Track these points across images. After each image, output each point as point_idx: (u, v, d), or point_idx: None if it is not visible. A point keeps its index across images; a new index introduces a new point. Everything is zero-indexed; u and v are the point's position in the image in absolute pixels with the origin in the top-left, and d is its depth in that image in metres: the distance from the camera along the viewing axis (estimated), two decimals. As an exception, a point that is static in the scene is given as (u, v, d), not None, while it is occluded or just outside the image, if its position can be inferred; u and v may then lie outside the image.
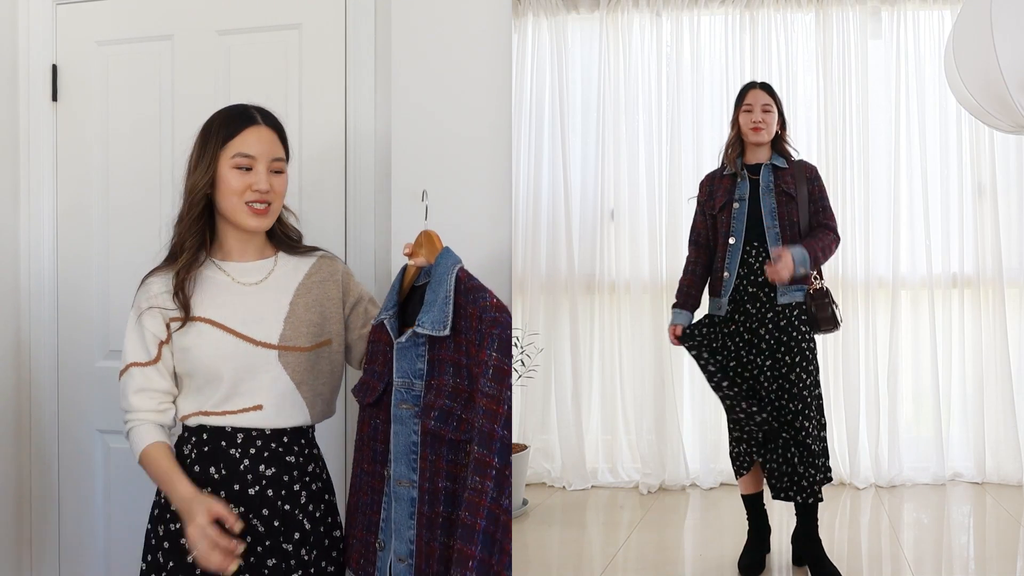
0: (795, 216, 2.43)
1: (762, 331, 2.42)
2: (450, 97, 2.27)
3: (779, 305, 2.40)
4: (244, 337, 1.89)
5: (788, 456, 2.37)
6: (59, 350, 2.74)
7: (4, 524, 2.70)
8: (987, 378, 2.48)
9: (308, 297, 1.97)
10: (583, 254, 2.66)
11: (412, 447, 1.76)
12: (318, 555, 1.93)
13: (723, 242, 2.47)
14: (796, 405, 2.37)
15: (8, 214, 2.72)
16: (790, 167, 2.46)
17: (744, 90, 2.51)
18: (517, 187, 2.41)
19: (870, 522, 2.50)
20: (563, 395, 2.65)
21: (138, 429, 1.93)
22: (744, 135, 2.49)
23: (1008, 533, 2.44)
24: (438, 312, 1.74)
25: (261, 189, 1.87)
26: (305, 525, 1.92)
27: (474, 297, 1.72)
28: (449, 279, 1.76)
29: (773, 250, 2.40)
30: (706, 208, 2.52)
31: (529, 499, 2.58)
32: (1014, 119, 1.95)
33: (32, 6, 2.73)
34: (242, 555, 1.86)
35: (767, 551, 2.46)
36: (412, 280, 1.90)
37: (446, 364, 1.74)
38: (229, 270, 1.95)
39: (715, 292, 2.49)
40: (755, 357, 2.42)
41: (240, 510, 1.87)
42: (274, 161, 1.90)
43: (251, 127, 1.90)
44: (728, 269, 2.45)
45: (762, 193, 2.45)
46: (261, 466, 1.89)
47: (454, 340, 1.73)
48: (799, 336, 2.40)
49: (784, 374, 2.39)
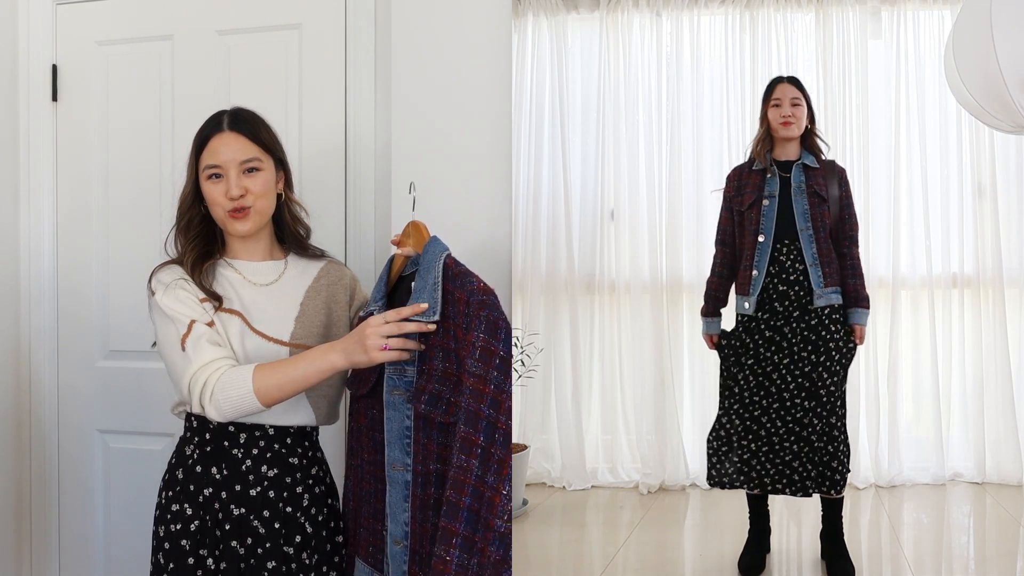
0: (826, 217, 2.40)
1: (786, 330, 2.39)
2: (450, 97, 2.27)
3: (814, 307, 2.39)
4: (259, 333, 1.90)
5: (787, 452, 2.37)
6: (59, 350, 2.74)
7: (4, 524, 2.70)
8: (987, 378, 2.48)
9: (318, 299, 1.99)
10: (583, 254, 2.66)
11: (405, 431, 1.78)
12: (319, 559, 1.93)
13: (751, 240, 2.43)
14: (809, 403, 2.36)
15: (8, 214, 2.72)
16: (821, 167, 2.43)
17: (772, 84, 2.47)
18: (517, 187, 2.41)
19: (870, 522, 2.50)
20: (563, 395, 2.64)
21: (229, 372, 1.78)
22: (773, 130, 2.44)
23: (1008, 533, 2.44)
24: (427, 299, 1.76)
25: (233, 196, 1.89)
26: (307, 528, 1.92)
27: (461, 282, 1.74)
28: (437, 266, 1.77)
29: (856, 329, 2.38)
30: (733, 204, 2.48)
31: (529, 499, 2.58)
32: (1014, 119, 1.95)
33: (32, 6, 2.73)
34: (242, 556, 1.86)
35: (767, 551, 2.46)
36: (399, 270, 1.91)
37: (435, 349, 1.76)
38: (240, 268, 1.97)
39: (742, 291, 2.45)
40: (777, 356, 2.40)
41: (241, 511, 1.87)
42: (244, 163, 1.90)
43: (215, 136, 1.92)
44: (757, 267, 2.42)
45: (794, 193, 2.41)
46: (263, 467, 1.89)
47: (443, 325, 1.75)
48: (828, 337, 2.38)
49: (807, 373, 2.37)
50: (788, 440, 2.39)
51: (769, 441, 2.41)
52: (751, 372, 2.43)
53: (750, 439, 2.43)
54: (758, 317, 2.42)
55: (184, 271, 1.91)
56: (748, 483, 2.42)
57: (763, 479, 2.41)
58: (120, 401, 2.69)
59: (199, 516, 1.89)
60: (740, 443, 2.44)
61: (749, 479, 2.42)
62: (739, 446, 2.44)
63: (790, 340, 2.39)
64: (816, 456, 2.37)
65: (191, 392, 1.80)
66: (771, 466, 2.40)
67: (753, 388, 2.43)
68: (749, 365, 2.43)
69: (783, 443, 2.39)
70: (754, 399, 2.42)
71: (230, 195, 1.89)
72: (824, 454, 2.36)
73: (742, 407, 2.44)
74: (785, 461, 2.39)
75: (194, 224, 1.95)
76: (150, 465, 2.63)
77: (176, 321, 1.84)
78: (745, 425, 2.44)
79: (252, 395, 1.77)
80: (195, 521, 1.88)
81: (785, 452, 2.39)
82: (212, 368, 1.79)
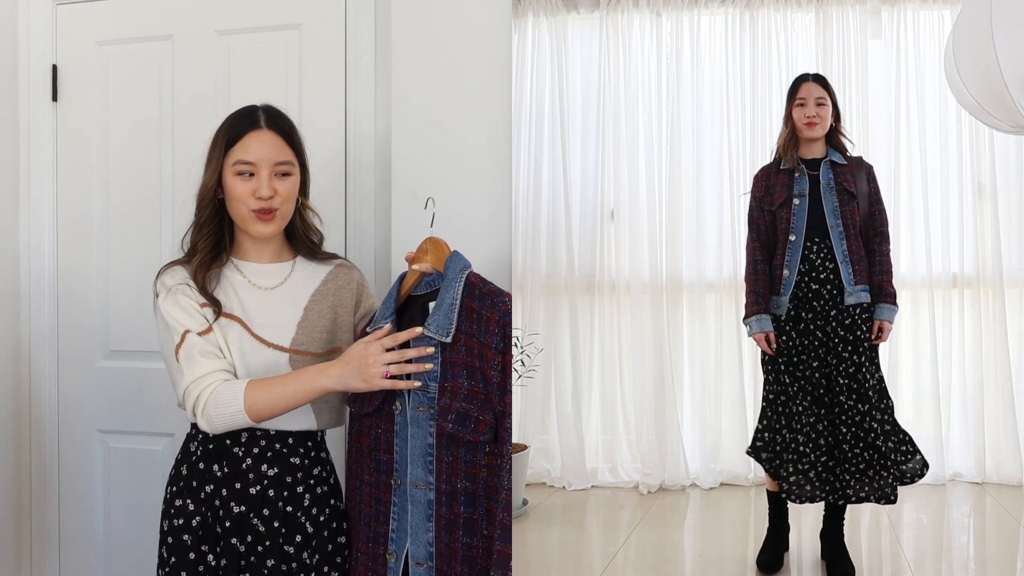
0: (856, 214, 2.38)
1: (828, 329, 2.38)
2: (450, 97, 2.27)
3: (845, 305, 2.37)
4: (259, 338, 1.89)
5: (859, 459, 2.35)
6: (59, 350, 2.74)
7: (4, 524, 2.70)
8: (987, 378, 2.48)
9: (323, 304, 1.97)
10: (583, 254, 2.66)
11: (428, 449, 1.76)
12: (320, 559, 1.92)
13: (783, 239, 2.41)
14: (863, 406, 2.33)
15: (8, 214, 2.72)
16: (848, 163, 2.41)
17: (797, 83, 2.44)
18: (517, 187, 2.41)
19: (870, 522, 2.50)
20: (563, 395, 2.64)
21: (221, 387, 1.79)
22: (798, 130, 2.42)
23: (1008, 533, 2.44)
24: (443, 317, 1.75)
25: (263, 196, 1.85)
26: (307, 528, 1.91)
27: (492, 302, 1.73)
28: (458, 285, 1.76)
29: (876, 325, 2.36)
30: (764, 204, 2.45)
31: (529, 499, 2.58)
32: (1014, 119, 1.95)
33: (32, 6, 2.73)
34: (242, 553, 1.86)
35: (786, 549, 2.45)
36: (411, 287, 1.88)
37: (459, 367, 1.74)
38: (246, 271, 1.95)
39: (775, 291, 2.42)
40: (826, 355, 2.38)
41: (241, 509, 1.87)
42: (278, 165, 1.87)
43: (252, 132, 1.87)
44: (788, 267, 2.40)
45: (823, 191, 2.39)
46: (264, 466, 1.89)
47: (465, 344, 1.74)
48: (863, 335, 2.37)
49: (852, 374, 2.34)
50: (858, 447, 2.35)
51: (840, 449, 2.36)
52: (802, 376, 2.38)
53: (811, 448, 2.37)
54: (801, 317, 2.39)
55: (188, 273, 1.90)
56: (832, 494, 2.35)
57: (845, 490, 2.35)
58: (120, 401, 2.69)
59: (201, 512, 1.89)
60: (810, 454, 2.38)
61: (833, 490, 2.35)
62: (803, 456, 2.38)
63: (831, 339, 2.37)
64: (891, 456, 2.33)
65: (185, 404, 1.83)
66: (849, 476, 2.35)
67: (809, 391, 2.38)
68: (796, 365, 2.38)
69: (853, 451, 2.35)
70: (809, 404, 2.38)
71: (259, 195, 1.85)
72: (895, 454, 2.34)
73: (800, 412, 2.38)
74: (860, 469, 2.34)
75: (208, 220, 1.92)
76: (150, 465, 2.63)
77: (173, 330, 1.85)
78: (804, 433, 2.38)
79: (243, 413, 1.79)
80: (196, 517, 1.89)
81: (859, 460, 2.35)
82: (205, 383, 1.80)
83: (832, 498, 2.36)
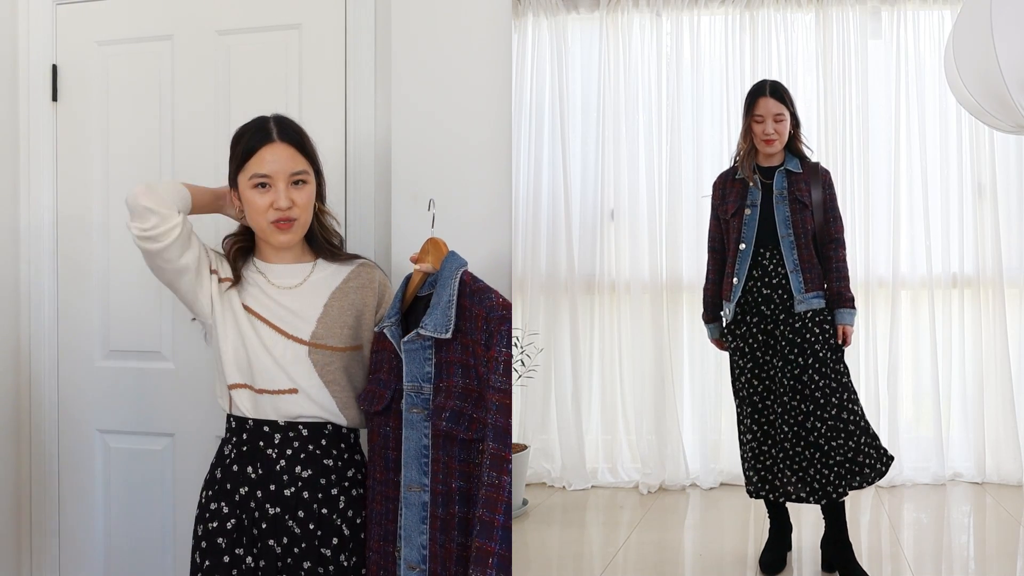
0: (808, 223, 2.41)
1: (776, 333, 2.40)
2: (450, 97, 2.27)
3: (795, 312, 2.39)
4: (278, 329, 1.92)
5: (800, 457, 2.37)
6: (59, 350, 2.74)
7: (4, 524, 2.70)
8: (987, 378, 2.48)
9: (344, 301, 1.98)
10: (583, 254, 2.66)
11: (423, 450, 1.76)
12: (358, 562, 1.92)
13: (734, 248, 2.45)
14: (807, 406, 2.37)
15: (8, 214, 2.72)
16: (804, 172, 2.43)
17: (754, 98, 2.45)
18: (517, 187, 2.41)
19: (870, 522, 2.50)
20: (563, 395, 2.65)
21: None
22: (757, 144, 2.45)
23: (1008, 533, 2.44)
24: (441, 315, 1.75)
25: (281, 207, 1.89)
26: (344, 531, 1.91)
27: (480, 298, 1.74)
28: (453, 283, 1.77)
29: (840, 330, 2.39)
30: (719, 212, 2.50)
31: (529, 499, 2.58)
32: (1014, 119, 1.95)
33: (32, 6, 2.72)
34: (279, 555, 1.87)
35: (788, 549, 2.45)
36: (416, 289, 1.90)
37: (454, 366, 1.75)
38: (267, 273, 1.98)
39: (725, 297, 2.48)
40: (771, 358, 2.41)
41: (276, 510, 1.88)
42: (293, 175, 1.90)
43: (266, 146, 1.90)
44: (737, 275, 2.44)
45: (775, 200, 2.42)
46: (297, 467, 1.90)
47: (460, 342, 1.75)
48: (813, 339, 2.38)
49: (797, 375, 2.38)
50: (799, 446, 2.38)
51: (783, 448, 2.40)
52: (753, 376, 2.44)
53: (769, 445, 2.43)
54: (747, 321, 2.43)
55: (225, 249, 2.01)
56: (772, 492, 2.41)
57: (786, 487, 2.39)
58: (120, 401, 2.69)
59: (236, 515, 1.90)
60: (761, 450, 2.44)
61: (773, 488, 2.41)
62: (760, 453, 2.44)
63: (780, 342, 2.40)
64: (835, 456, 2.36)
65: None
66: (791, 473, 2.39)
67: (760, 393, 2.43)
68: (749, 368, 2.44)
69: (795, 449, 2.39)
70: (765, 403, 2.43)
71: (277, 205, 1.89)
72: (841, 452, 2.36)
73: (755, 411, 2.44)
74: (803, 467, 2.37)
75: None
76: (150, 465, 2.63)
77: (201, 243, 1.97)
78: (763, 431, 2.44)
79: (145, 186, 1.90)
80: (231, 519, 1.90)
81: (800, 459, 2.38)
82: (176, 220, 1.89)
83: (772, 496, 2.42)
